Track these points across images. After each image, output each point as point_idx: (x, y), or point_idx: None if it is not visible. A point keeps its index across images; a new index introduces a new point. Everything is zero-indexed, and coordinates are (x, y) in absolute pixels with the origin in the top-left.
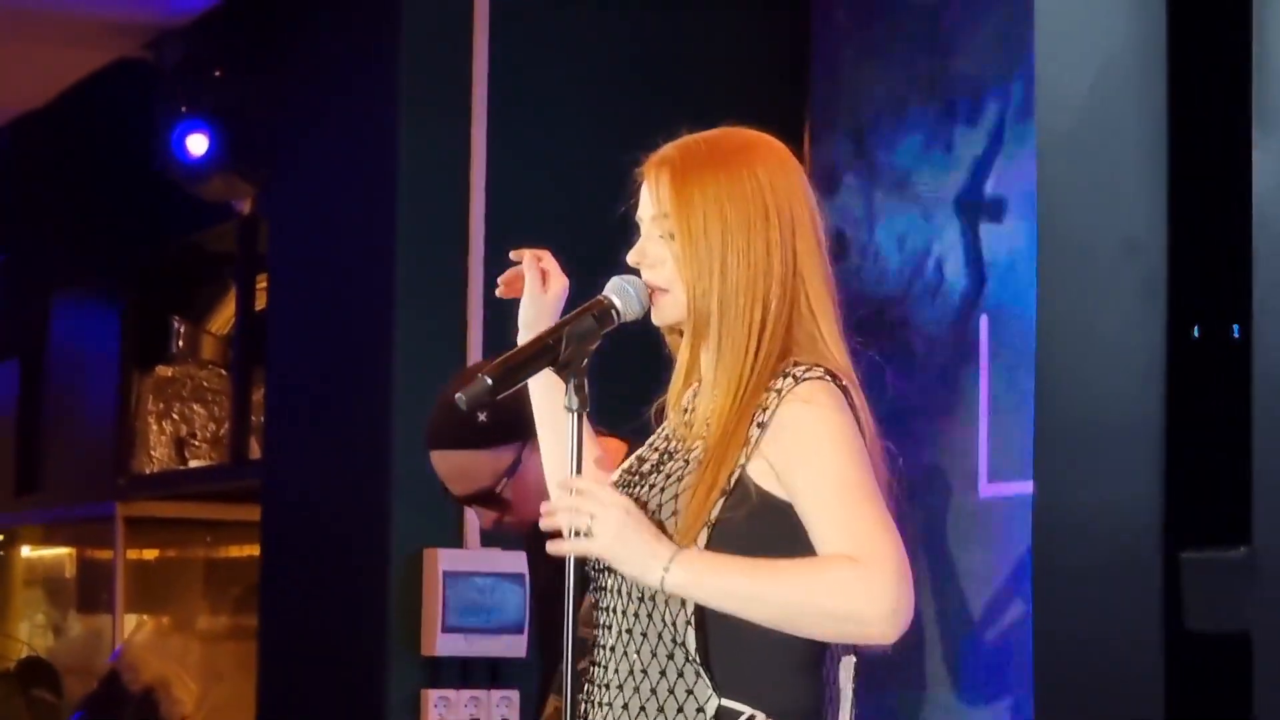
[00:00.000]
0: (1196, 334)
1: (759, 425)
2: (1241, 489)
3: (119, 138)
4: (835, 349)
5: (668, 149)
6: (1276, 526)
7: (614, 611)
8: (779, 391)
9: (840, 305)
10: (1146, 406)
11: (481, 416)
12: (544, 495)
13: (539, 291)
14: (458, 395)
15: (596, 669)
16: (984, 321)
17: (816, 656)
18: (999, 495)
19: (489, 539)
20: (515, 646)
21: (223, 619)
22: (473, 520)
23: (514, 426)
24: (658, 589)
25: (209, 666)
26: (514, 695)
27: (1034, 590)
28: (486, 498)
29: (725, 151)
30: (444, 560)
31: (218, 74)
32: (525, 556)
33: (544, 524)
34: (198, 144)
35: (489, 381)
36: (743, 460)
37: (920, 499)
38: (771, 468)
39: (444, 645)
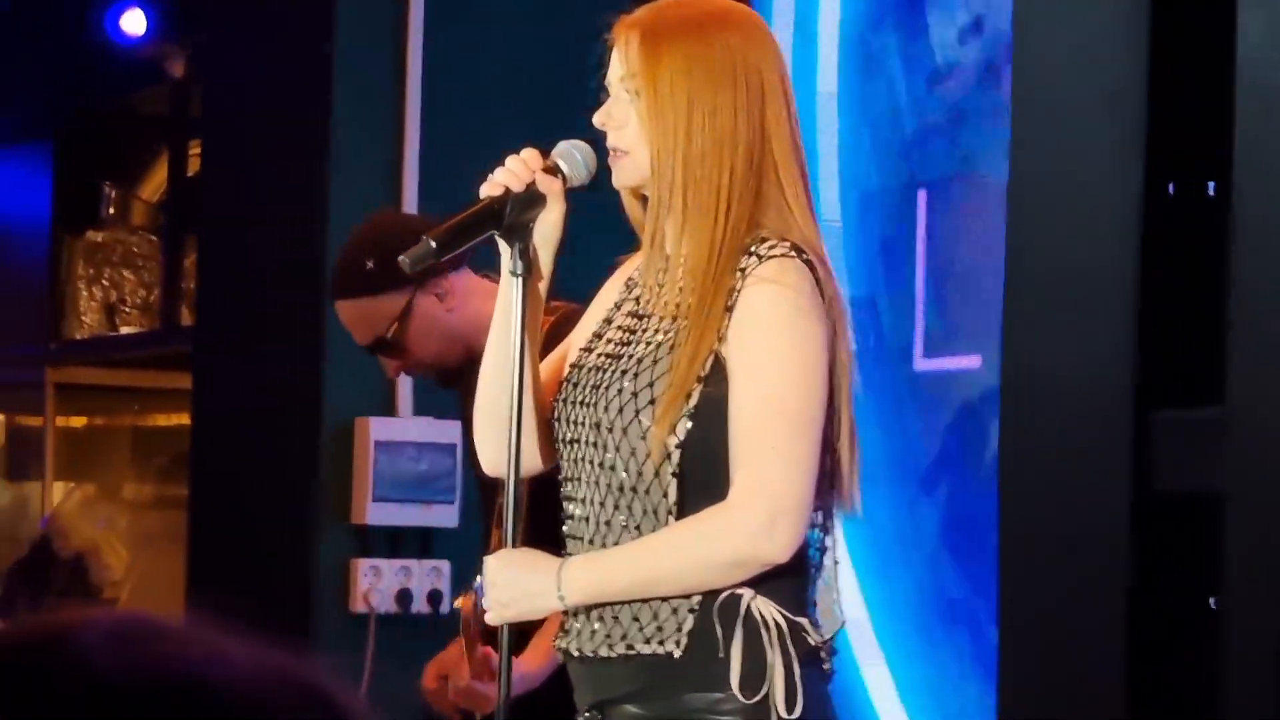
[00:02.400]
0: (1171, 191)
1: (728, 309)
2: (1215, 348)
3: None
4: (803, 221)
5: (640, 11)
6: (1250, 386)
7: (590, 503)
8: (744, 271)
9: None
10: (1120, 264)
11: (370, 264)
12: (442, 338)
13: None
14: (400, 258)
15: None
16: (922, 195)
17: None
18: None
19: (421, 408)
20: (446, 516)
21: (148, 487)
22: (405, 389)
23: (400, 272)
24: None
25: (136, 534)
26: (444, 566)
27: (1001, 451)
28: (382, 345)
29: (697, 16)
30: (375, 429)
31: None
32: (459, 426)
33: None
34: (134, 22)
35: (432, 244)
36: (716, 346)
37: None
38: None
39: (374, 514)
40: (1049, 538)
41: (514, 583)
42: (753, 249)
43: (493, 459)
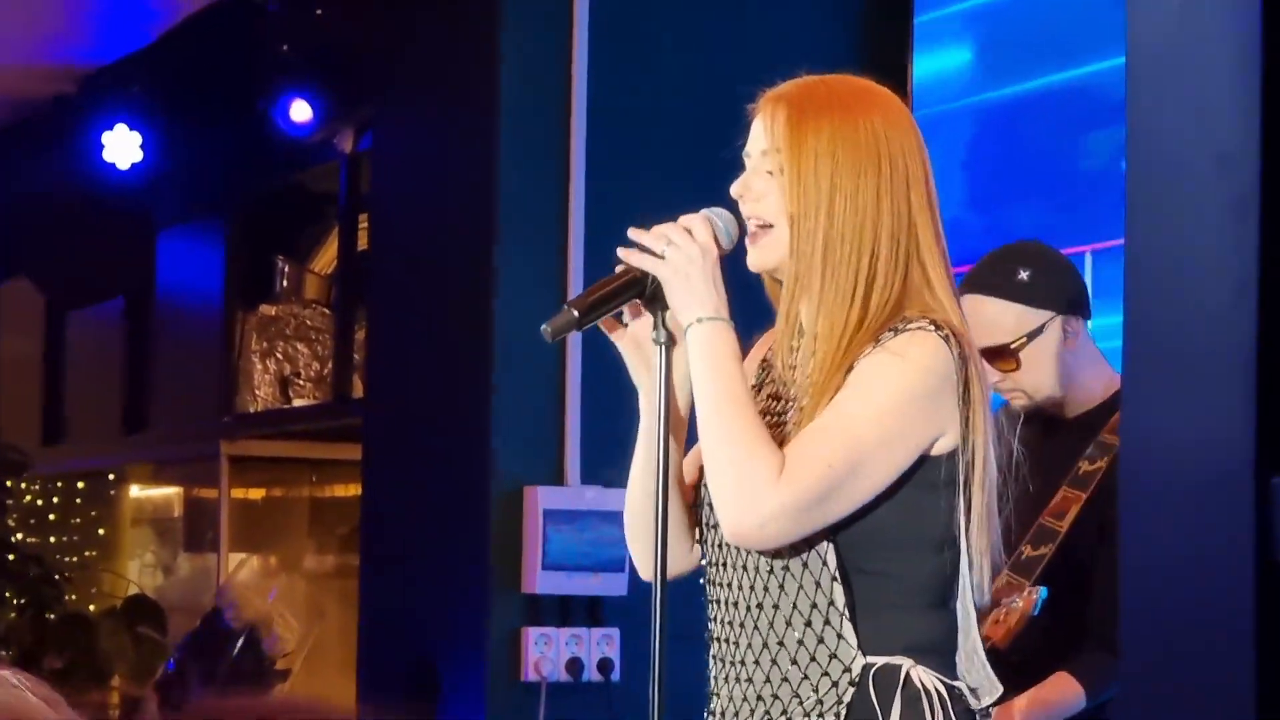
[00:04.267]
0: None
1: (848, 370)
2: None
3: (224, 77)
4: (949, 305)
5: (786, 86)
6: None
7: (737, 587)
8: (879, 341)
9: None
10: (1239, 327)
11: (1024, 274)
12: (1054, 376)
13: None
14: (544, 327)
15: (722, 644)
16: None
17: (944, 597)
18: None
19: (589, 476)
20: (615, 584)
21: (328, 558)
22: (573, 457)
23: (1054, 295)
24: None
25: (312, 605)
26: (614, 633)
27: (1122, 517)
28: (1002, 351)
29: (844, 95)
30: (544, 498)
31: (319, 12)
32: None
33: (623, 252)
34: (301, 111)
35: (575, 314)
36: (823, 409)
37: None
38: None
39: (544, 583)
40: (1172, 608)
41: (702, 276)
42: (896, 326)
43: (646, 562)
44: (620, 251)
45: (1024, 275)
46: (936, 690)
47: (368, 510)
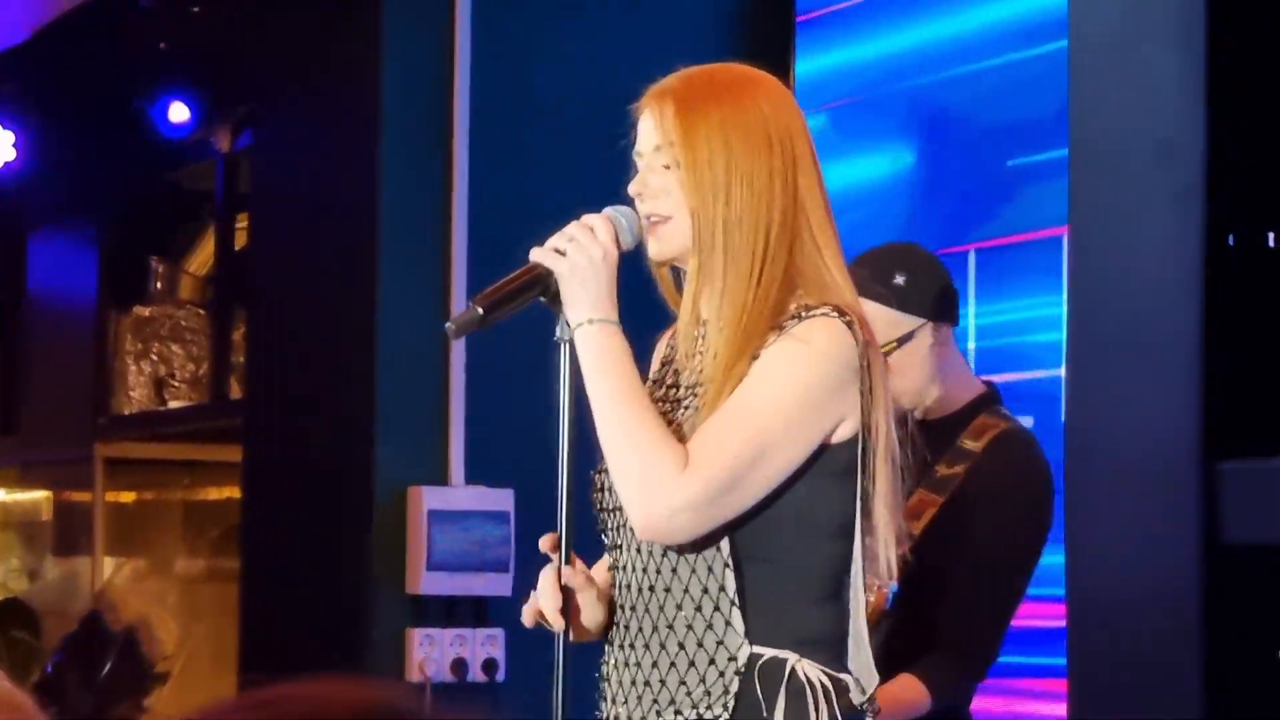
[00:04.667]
0: (1231, 241)
1: (753, 358)
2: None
3: (99, 74)
4: (842, 281)
5: (669, 80)
6: None
7: (632, 569)
8: (782, 328)
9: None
10: (1183, 315)
11: (900, 279)
12: (920, 381)
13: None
14: (448, 325)
15: (617, 629)
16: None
17: (838, 586)
18: None
19: (473, 476)
20: (500, 585)
21: (200, 561)
22: (457, 457)
23: (926, 301)
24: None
25: (187, 608)
26: (499, 634)
27: (1067, 504)
28: None
29: (727, 83)
30: (428, 498)
31: (196, 10)
32: (511, 494)
33: (534, 250)
34: (179, 113)
35: (480, 311)
36: (726, 396)
37: None
38: None
39: (428, 584)
40: (1118, 592)
41: (597, 279)
42: (798, 312)
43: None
44: (534, 251)
45: (900, 280)
46: (822, 684)
47: (249, 512)
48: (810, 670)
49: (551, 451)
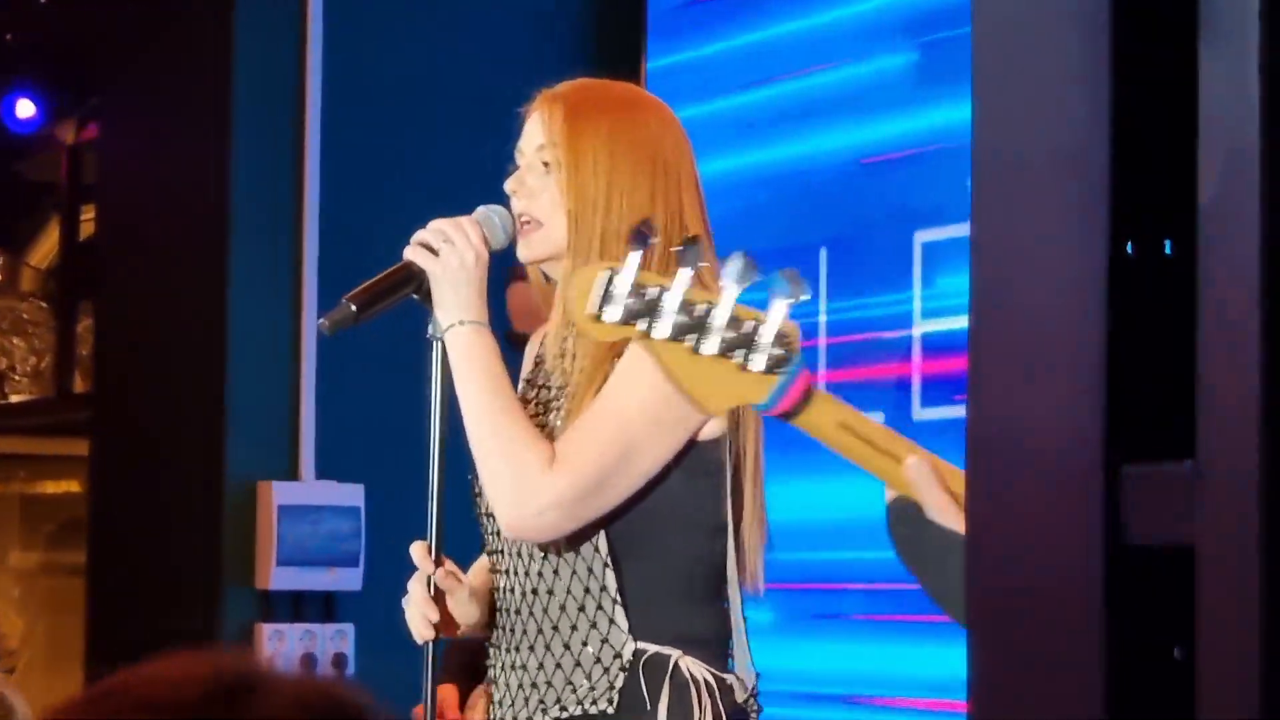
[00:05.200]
0: (1131, 249)
1: (617, 358)
2: (1184, 403)
3: None
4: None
5: (563, 86)
6: (1220, 439)
7: (513, 573)
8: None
9: None
10: (1087, 321)
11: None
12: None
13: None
14: (320, 321)
15: (500, 632)
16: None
17: (718, 585)
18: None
19: (324, 471)
20: (350, 580)
21: (35, 555)
22: (308, 452)
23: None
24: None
25: (32, 602)
26: (348, 629)
27: (969, 509)
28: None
29: (620, 97)
30: (278, 493)
31: (43, 1)
32: (362, 489)
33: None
34: (25, 109)
35: (352, 308)
36: (592, 399)
37: None
38: None
39: (278, 579)
40: (1019, 593)
41: (469, 283)
42: None
43: None
44: (407, 248)
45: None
46: (705, 681)
47: (96, 507)
48: (694, 667)
49: (401, 448)
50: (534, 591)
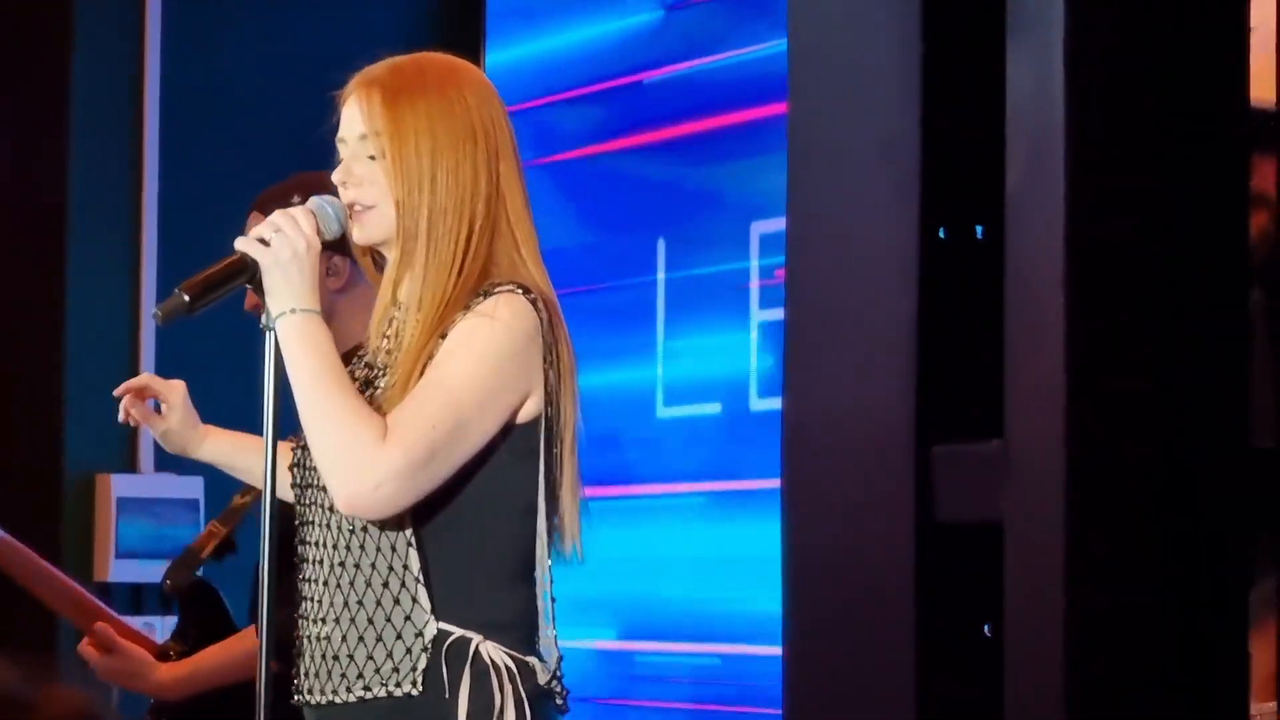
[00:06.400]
0: (943, 234)
1: (442, 336)
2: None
3: None
4: (535, 270)
5: (375, 69)
6: (1027, 420)
7: (322, 545)
8: (469, 307)
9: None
10: (899, 305)
11: (296, 199)
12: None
13: (161, 423)
14: (154, 310)
15: (308, 604)
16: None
17: (526, 565)
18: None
19: (163, 464)
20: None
21: None
22: (146, 445)
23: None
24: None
25: None
26: None
27: (784, 488)
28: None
29: (434, 74)
30: (117, 485)
31: None
32: (201, 482)
33: (239, 240)
34: None
35: (185, 298)
36: (418, 374)
37: None
38: None
39: (117, 571)
40: (834, 570)
41: (300, 271)
42: (484, 289)
43: None
44: (238, 240)
45: (296, 200)
46: (506, 666)
47: None
48: (495, 652)
49: None
50: (341, 564)
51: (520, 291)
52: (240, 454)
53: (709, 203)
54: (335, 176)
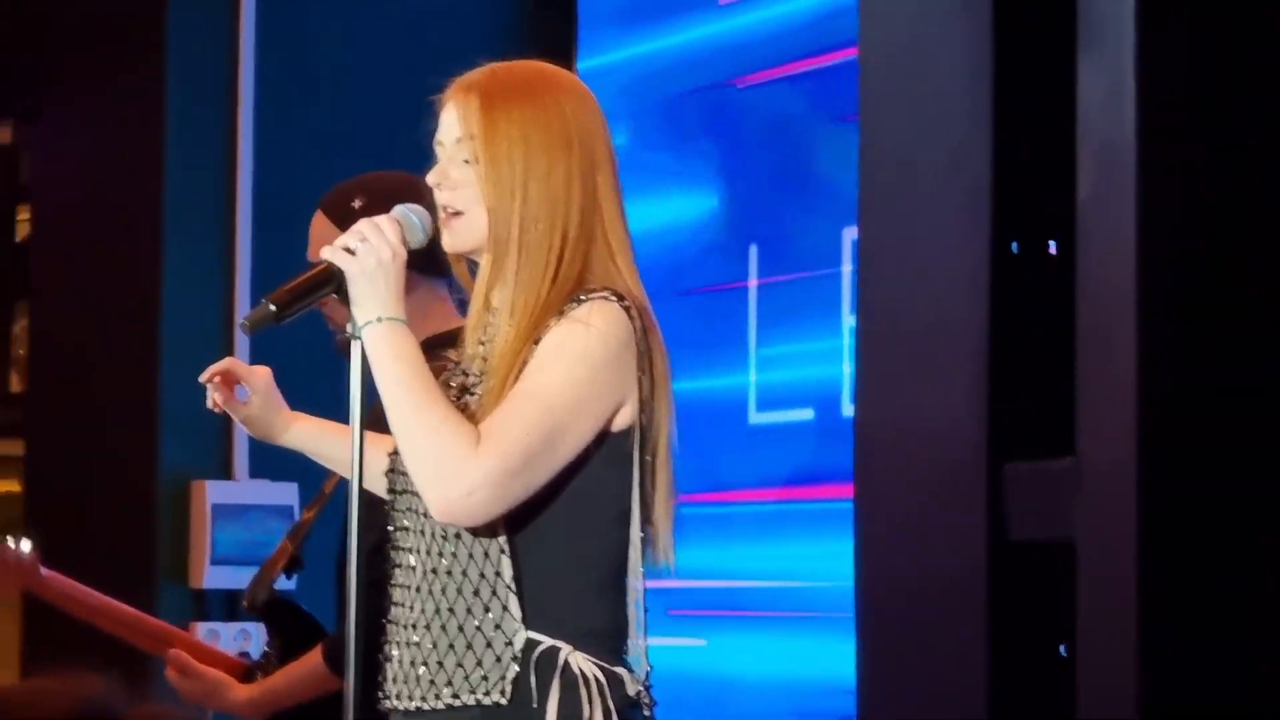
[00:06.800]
0: (1016, 249)
1: (535, 343)
2: (1064, 401)
3: None
4: (630, 277)
5: (475, 74)
6: (1098, 436)
7: (416, 552)
8: (563, 313)
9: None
10: (970, 320)
11: (357, 202)
12: None
13: (243, 408)
14: (241, 321)
15: (399, 609)
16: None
17: (618, 574)
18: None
19: (257, 470)
20: (283, 578)
21: None
22: (241, 451)
23: None
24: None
25: None
26: None
27: (857, 505)
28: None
29: (533, 81)
30: (212, 492)
31: None
32: (295, 488)
33: (325, 249)
34: None
35: (272, 308)
36: (513, 381)
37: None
38: None
39: (212, 578)
40: (907, 588)
41: (386, 280)
42: (578, 296)
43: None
44: (324, 249)
45: (357, 204)
46: (595, 678)
47: (31, 507)
48: (584, 664)
49: None
50: (434, 571)
51: (614, 298)
52: (325, 440)
53: (802, 209)
54: (430, 178)
